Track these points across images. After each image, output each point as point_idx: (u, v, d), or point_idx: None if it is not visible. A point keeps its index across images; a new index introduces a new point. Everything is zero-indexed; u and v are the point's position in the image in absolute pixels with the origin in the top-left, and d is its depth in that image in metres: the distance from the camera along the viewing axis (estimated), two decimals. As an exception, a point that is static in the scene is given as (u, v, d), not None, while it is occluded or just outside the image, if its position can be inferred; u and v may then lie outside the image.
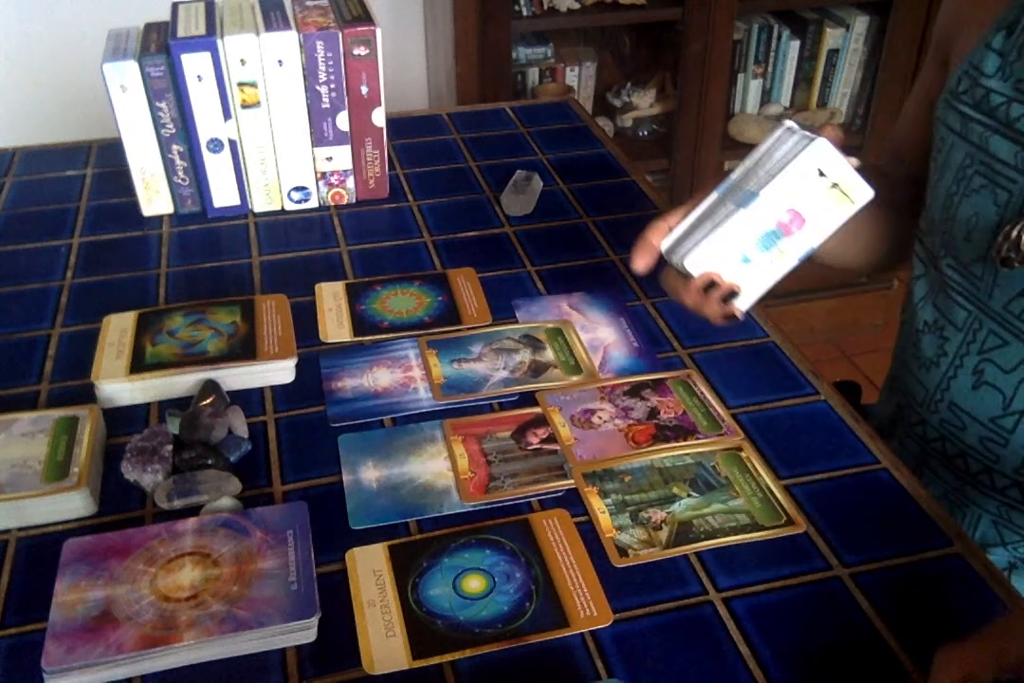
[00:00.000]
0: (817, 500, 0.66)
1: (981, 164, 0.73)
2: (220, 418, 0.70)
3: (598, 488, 0.67)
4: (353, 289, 0.88)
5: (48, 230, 0.99)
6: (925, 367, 0.81)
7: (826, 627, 0.58)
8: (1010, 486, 0.76)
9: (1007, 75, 0.71)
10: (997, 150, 0.71)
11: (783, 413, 0.74)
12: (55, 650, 0.54)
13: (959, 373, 0.77)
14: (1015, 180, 0.70)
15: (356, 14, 0.95)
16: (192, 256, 0.94)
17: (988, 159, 0.72)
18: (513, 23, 1.89)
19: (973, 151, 0.73)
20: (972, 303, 0.76)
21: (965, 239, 0.75)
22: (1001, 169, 0.71)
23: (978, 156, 0.73)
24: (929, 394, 0.80)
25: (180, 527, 0.62)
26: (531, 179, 1.03)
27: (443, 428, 0.72)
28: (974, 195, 0.73)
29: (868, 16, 2.13)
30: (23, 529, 0.65)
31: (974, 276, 0.75)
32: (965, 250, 0.75)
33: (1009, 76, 0.71)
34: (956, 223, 0.75)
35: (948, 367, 0.78)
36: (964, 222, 0.74)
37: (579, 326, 0.83)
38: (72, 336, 0.83)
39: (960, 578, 0.61)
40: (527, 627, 0.57)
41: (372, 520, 0.65)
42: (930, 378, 0.80)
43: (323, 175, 1.01)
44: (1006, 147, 0.71)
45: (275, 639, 0.56)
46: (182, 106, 0.93)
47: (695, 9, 1.92)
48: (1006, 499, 0.77)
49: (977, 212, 0.73)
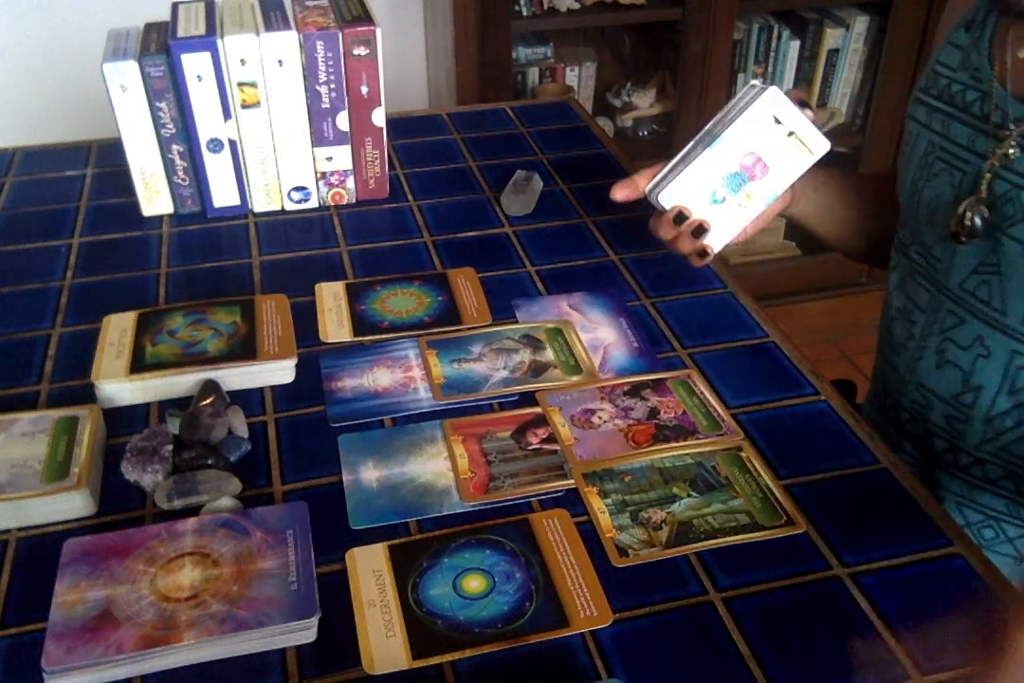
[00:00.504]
0: (817, 500, 0.66)
1: (941, 150, 0.78)
2: (220, 418, 0.70)
3: (598, 488, 0.67)
4: (353, 289, 0.88)
5: (48, 230, 0.99)
6: (896, 352, 0.85)
7: (826, 627, 0.58)
8: (972, 464, 0.80)
9: (966, 66, 0.77)
10: (956, 135, 0.77)
11: (783, 413, 0.74)
12: (55, 650, 0.54)
13: (924, 354, 0.81)
14: (968, 161, 0.75)
15: (356, 14, 0.95)
16: (192, 256, 0.94)
17: (948, 145, 0.77)
18: (513, 23, 1.89)
19: (936, 138, 0.79)
20: (933, 284, 0.80)
21: (928, 222, 0.79)
22: (958, 152, 0.76)
23: (939, 143, 0.78)
24: (901, 377, 0.84)
25: (180, 527, 0.62)
26: (531, 179, 1.03)
27: (443, 428, 0.72)
28: (935, 179, 0.79)
29: (868, 16, 2.13)
30: (23, 529, 0.65)
31: (935, 258, 0.80)
32: (928, 233, 0.80)
33: (968, 67, 0.76)
34: (920, 208, 0.80)
35: (915, 349, 0.82)
36: (926, 206, 0.79)
37: (579, 326, 0.83)
38: (72, 336, 0.83)
39: (960, 578, 0.61)
40: (527, 627, 0.57)
41: (372, 520, 0.65)
42: (901, 362, 0.84)
43: (323, 175, 1.01)
44: (963, 131, 0.76)
45: (275, 639, 0.56)
46: (182, 106, 0.93)
47: (695, 9, 1.92)
48: (969, 477, 0.81)
49: (937, 195, 0.78)
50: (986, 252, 0.74)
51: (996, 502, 0.80)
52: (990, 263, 0.74)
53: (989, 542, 0.82)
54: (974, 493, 0.81)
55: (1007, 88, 0.73)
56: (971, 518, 0.82)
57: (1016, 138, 0.71)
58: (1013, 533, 0.81)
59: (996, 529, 0.81)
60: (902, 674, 0.55)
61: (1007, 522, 0.81)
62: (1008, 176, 0.72)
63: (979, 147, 0.74)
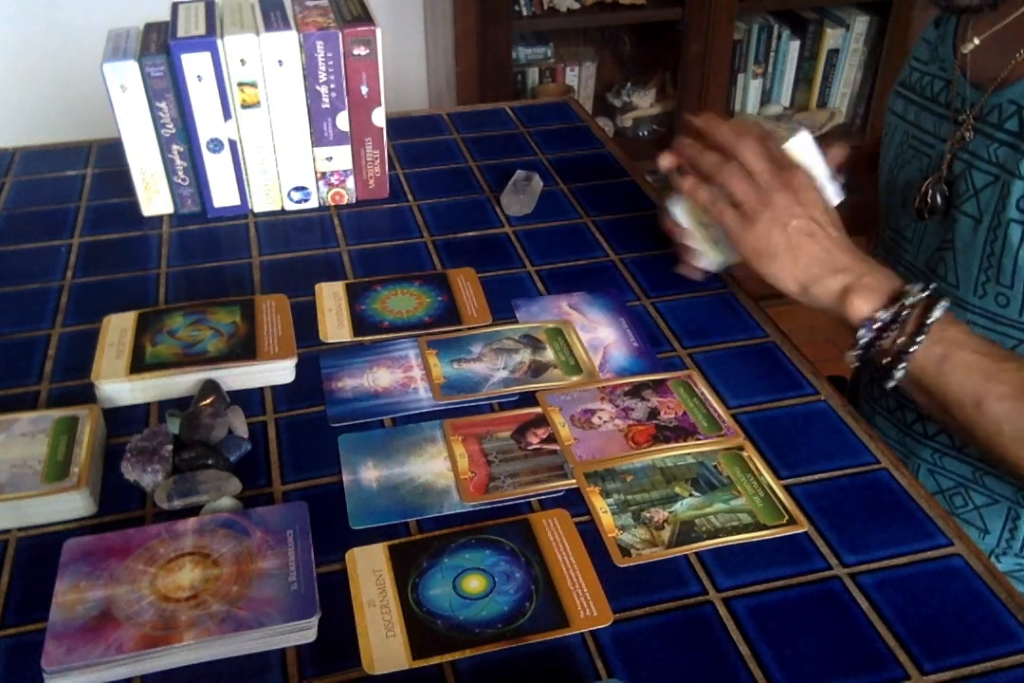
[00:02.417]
0: (817, 500, 0.66)
1: (913, 138, 0.85)
2: (220, 418, 0.70)
3: (600, 488, 0.67)
4: (353, 289, 0.88)
5: (48, 230, 0.99)
6: None
7: (826, 627, 0.58)
8: (939, 433, 0.85)
9: (935, 58, 0.83)
10: (925, 124, 0.83)
11: (783, 413, 0.74)
12: (55, 650, 0.54)
13: None
14: (934, 146, 0.82)
15: (356, 14, 0.95)
16: (192, 256, 0.94)
17: (918, 133, 0.84)
18: (513, 23, 1.89)
19: (909, 128, 0.85)
20: (903, 266, 0.87)
21: (901, 207, 0.86)
22: (926, 138, 0.83)
23: (912, 132, 0.85)
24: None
25: (180, 527, 0.62)
26: (531, 179, 1.03)
27: (443, 428, 0.72)
28: (907, 166, 0.85)
29: (868, 16, 2.13)
30: (23, 529, 0.65)
31: (906, 240, 0.86)
32: (901, 217, 0.86)
33: (936, 59, 0.83)
34: (895, 194, 0.87)
35: None
36: (900, 192, 0.86)
37: (579, 326, 0.83)
38: (72, 336, 0.83)
39: (960, 578, 0.61)
40: (527, 627, 0.57)
41: (372, 520, 0.65)
42: None
43: (323, 175, 1.01)
44: (930, 119, 0.82)
45: (275, 639, 0.56)
46: (182, 106, 0.93)
47: (695, 9, 1.92)
48: (937, 445, 0.85)
49: (908, 180, 0.84)
50: (945, 229, 0.80)
51: (963, 469, 0.84)
52: (947, 240, 0.80)
53: (959, 509, 0.86)
54: (944, 460, 0.85)
55: (966, 76, 0.79)
56: (943, 484, 0.86)
57: (972, 121, 0.76)
58: (979, 501, 0.84)
59: (965, 496, 0.85)
60: (902, 674, 0.55)
61: (974, 490, 0.84)
62: (964, 156, 0.78)
63: (943, 133, 0.80)
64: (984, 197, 0.75)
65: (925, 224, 0.83)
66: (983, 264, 0.76)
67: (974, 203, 0.76)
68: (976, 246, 0.77)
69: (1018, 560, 0.85)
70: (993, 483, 0.82)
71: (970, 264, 0.77)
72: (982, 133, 0.76)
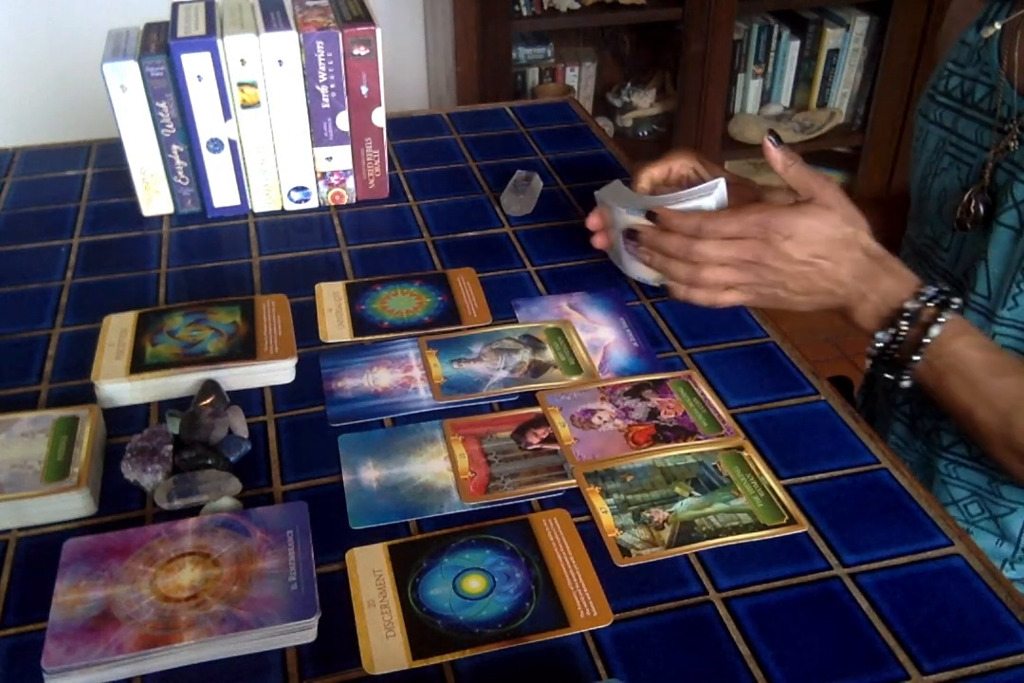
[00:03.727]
0: (817, 500, 0.66)
1: (951, 145, 0.82)
2: (220, 418, 0.70)
3: (600, 488, 0.67)
4: (353, 289, 0.88)
5: (48, 230, 0.99)
6: None
7: (826, 627, 0.58)
8: (955, 443, 0.84)
9: (975, 62, 0.80)
10: (964, 130, 0.80)
11: (783, 413, 0.74)
12: (55, 650, 0.54)
13: None
14: (975, 154, 0.79)
15: (356, 14, 0.95)
16: (192, 256, 0.94)
17: (957, 140, 0.81)
18: (513, 23, 1.89)
19: (945, 134, 0.83)
20: (937, 272, 0.85)
21: (937, 214, 0.83)
22: (966, 146, 0.80)
23: (948, 138, 0.82)
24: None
25: (180, 527, 0.62)
26: (531, 179, 1.03)
27: (443, 428, 0.72)
28: (943, 174, 0.83)
29: (868, 16, 2.13)
30: (23, 529, 0.65)
31: (941, 248, 0.84)
32: (936, 224, 0.84)
33: (977, 62, 0.80)
34: (929, 201, 0.85)
35: None
36: (935, 199, 0.84)
37: (579, 326, 0.83)
38: (72, 336, 0.83)
39: (960, 578, 0.61)
40: (527, 627, 0.57)
41: (372, 520, 0.65)
42: None
43: (323, 175, 1.01)
44: (970, 126, 0.80)
45: (275, 639, 0.56)
46: (182, 106, 0.93)
47: (695, 9, 1.92)
48: (953, 456, 0.84)
49: (945, 188, 0.82)
50: (986, 241, 0.78)
51: (979, 479, 0.83)
52: (982, 250, 0.78)
53: (975, 518, 0.85)
54: (959, 470, 0.84)
55: (1014, 84, 0.75)
56: (956, 495, 0.85)
57: (1018, 131, 0.74)
58: (996, 511, 0.83)
59: (981, 505, 0.84)
60: (902, 674, 0.55)
61: (990, 500, 0.83)
62: (1007, 166, 0.76)
63: (985, 141, 0.77)
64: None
65: (964, 234, 0.81)
66: (1017, 277, 0.75)
67: (1014, 214, 0.75)
68: (1012, 258, 0.75)
69: None
70: (1010, 491, 0.82)
71: (1004, 275, 0.76)
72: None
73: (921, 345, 0.69)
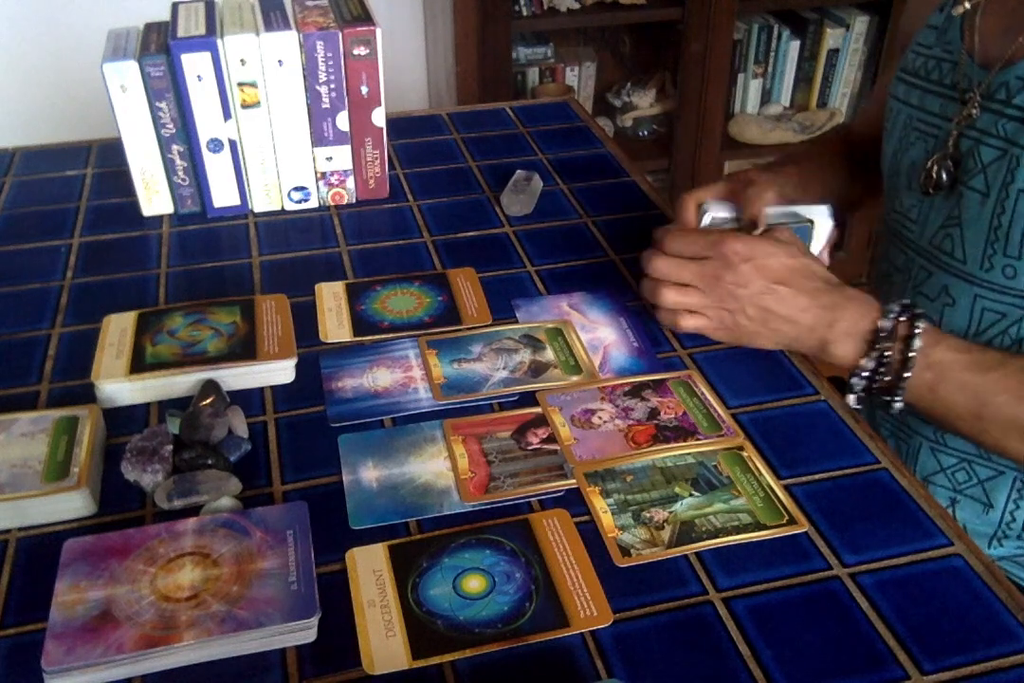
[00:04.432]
0: (817, 500, 0.66)
1: (918, 121, 0.86)
2: (220, 418, 0.70)
3: (600, 488, 0.67)
4: (353, 289, 0.88)
5: (48, 230, 0.99)
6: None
7: (826, 627, 0.58)
8: None
9: (940, 42, 0.84)
10: (930, 106, 0.84)
11: (783, 413, 0.74)
12: (55, 650, 0.54)
13: None
14: (940, 127, 0.83)
15: (356, 14, 0.95)
16: (192, 256, 0.95)
17: (923, 115, 0.85)
18: (513, 23, 1.89)
19: (913, 112, 0.86)
20: (907, 245, 0.88)
21: (907, 188, 0.87)
22: (932, 120, 0.84)
23: (916, 115, 0.86)
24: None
25: (180, 527, 0.62)
26: (531, 179, 1.03)
27: (443, 428, 0.72)
28: (911, 148, 0.86)
29: (868, 16, 2.13)
30: (23, 529, 0.65)
31: (909, 220, 0.87)
32: (906, 197, 0.88)
33: (941, 43, 0.84)
34: (900, 176, 0.88)
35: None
36: (905, 174, 0.87)
37: (579, 326, 0.83)
38: (72, 336, 0.83)
39: (960, 578, 0.61)
40: (527, 627, 0.57)
41: (372, 520, 0.65)
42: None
43: (323, 175, 1.01)
44: (935, 102, 0.84)
45: (275, 639, 0.56)
46: (182, 106, 0.93)
47: (695, 9, 1.92)
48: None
49: (913, 161, 0.86)
50: (951, 206, 0.81)
51: (967, 445, 0.84)
52: (953, 216, 0.81)
53: (962, 485, 0.87)
54: (946, 437, 0.86)
55: (974, 58, 0.80)
56: (945, 462, 0.87)
57: (979, 99, 0.78)
58: (984, 474, 0.85)
59: (969, 471, 0.86)
60: (902, 674, 0.55)
61: (978, 464, 0.85)
62: (971, 134, 0.79)
63: (949, 112, 0.81)
64: (992, 171, 0.77)
65: (931, 201, 0.84)
66: (990, 237, 0.78)
67: (982, 178, 0.78)
68: (983, 219, 0.78)
69: (1020, 543, 0.85)
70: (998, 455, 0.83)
71: (977, 238, 0.79)
72: (989, 110, 0.77)
73: (908, 360, 0.71)
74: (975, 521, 0.87)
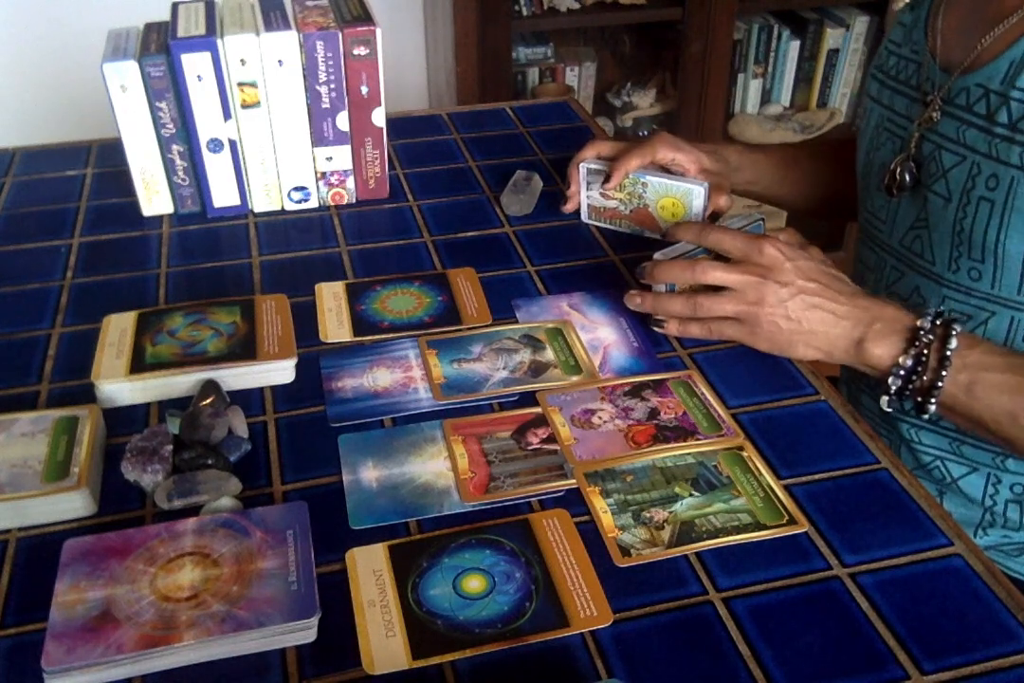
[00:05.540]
0: (817, 500, 0.66)
1: (888, 121, 0.86)
2: (220, 418, 0.70)
3: (600, 488, 0.67)
4: (353, 289, 0.88)
5: (48, 230, 0.99)
6: None
7: (826, 627, 0.58)
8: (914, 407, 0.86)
9: (908, 41, 0.85)
10: (898, 106, 0.85)
11: (783, 413, 0.74)
12: (55, 650, 0.54)
13: None
14: (905, 127, 0.84)
15: (356, 14, 0.95)
16: (192, 256, 0.95)
17: (892, 115, 0.86)
18: (513, 23, 1.89)
19: (884, 112, 0.87)
20: (878, 245, 0.90)
21: (877, 188, 0.88)
22: (899, 121, 0.85)
23: (886, 114, 0.87)
24: None
25: (180, 527, 0.62)
26: (531, 179, 1.03)
27: (443, 428, 0.72)
28: (882, 148, 0.87)
29: (868, 16, 2.13)
30: (23, 529, 0.65)
31: (879, 220, 0.89)
32: (877, 198, 0.89)
33: (909, 42, 0.85)
34: (871, 177, 0.89)
35: None
36: (876, 174, 0.88)
37: (579, 326, 0.83)
38: (72, 336, 0.83)
39: (960, 578, 0.61)
40: (527, 627, 0.57)
41: (372, 520, 0.65)
42: None
43: (323, 175, 1.01)
44: (902, 102, 0.84)
45: (275, 639, 0.56)
46: (182, 106, 0.93)
47: (695, 9, 1.93)
48: (915, 420, 0.87)
49: (884, 162, 0.86)
50: (918, 209, 0.83)
51: (941, 441, 0.86)
52: (921, 219, 0.83)
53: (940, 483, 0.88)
54: (921, 434, 0.87)
55: (936, 59, 0.81)
56: (922, 459, 0.88)
57: (939, 102, 0.78)
58: (958, 472, 0.86)
59: (943, 470, 0.87)
60: (902, 674, 0.55)
61: (951, 461, 0.86)
62: (932, 138, 0.80)
63: (914, 114, 0.82)
64: (953, 177, 0.78)
65: (898, 202, 0.85)
66: (954, 241, 0.79)
67: (943, 183, 0.79)
68: (947, 223, 0.79)
69: (1004, 532, 0.86)
70: (971, 452, 0.84)
71: (943, 241, 0.80)
72: (950, 115, 0.78)
73: (945, 359, 0.70)
74: (960, 511, 0.87)
